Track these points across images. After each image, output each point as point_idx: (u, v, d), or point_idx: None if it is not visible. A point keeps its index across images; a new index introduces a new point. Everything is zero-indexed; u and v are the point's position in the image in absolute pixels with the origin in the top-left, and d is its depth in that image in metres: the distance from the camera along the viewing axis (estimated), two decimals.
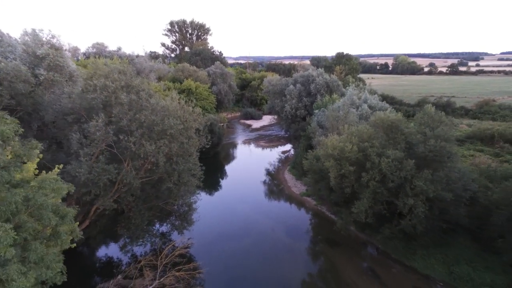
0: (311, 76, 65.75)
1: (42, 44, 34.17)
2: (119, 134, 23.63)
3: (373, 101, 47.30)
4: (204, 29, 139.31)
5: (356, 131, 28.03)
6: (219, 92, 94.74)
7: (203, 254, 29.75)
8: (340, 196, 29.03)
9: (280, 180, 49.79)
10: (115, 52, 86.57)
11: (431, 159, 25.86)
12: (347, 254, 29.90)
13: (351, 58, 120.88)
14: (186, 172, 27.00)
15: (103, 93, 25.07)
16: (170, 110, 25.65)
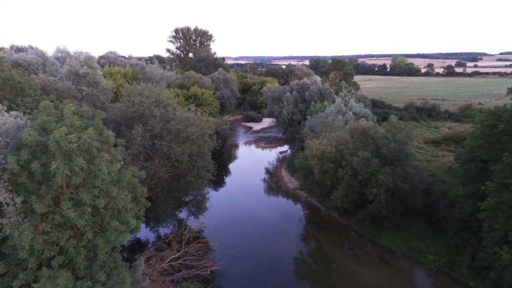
0: (306, 84, 73.47)
1: (82, 65, 41.82)
2: (153, 139, 31.31)
3: (357, 108, 54.82)
4: (207, 36, 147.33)
5: (335, 136, 35.71)
6: (222, 97, 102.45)
7: (214, 234, 37.28)
8: (323, 188, 36.70)
9: (278, 177, 57.37)
10: (127, 60, 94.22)
11: (392, 158, 33.53)
12: (330, 234, 37.58)
13: (345, 64, 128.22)
14: (202, 168, 34.72)
15: (139, 108, 32.72)
16: (190, 120, 33.29)
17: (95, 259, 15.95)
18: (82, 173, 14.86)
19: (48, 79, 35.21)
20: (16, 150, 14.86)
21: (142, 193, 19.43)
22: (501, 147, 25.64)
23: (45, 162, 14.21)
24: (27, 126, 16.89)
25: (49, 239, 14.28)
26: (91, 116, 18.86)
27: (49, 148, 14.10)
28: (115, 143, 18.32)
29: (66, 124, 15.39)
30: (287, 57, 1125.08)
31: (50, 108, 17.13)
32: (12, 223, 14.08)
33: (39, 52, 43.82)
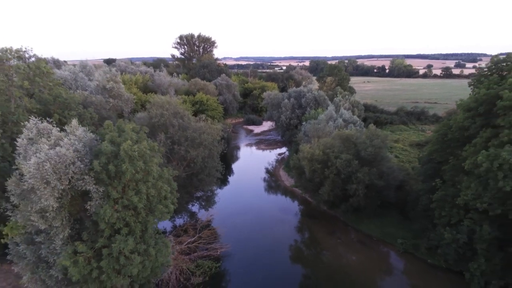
0: (302, 92, 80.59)
1: (109, 80, 48.95)
2: (173, 145, 38.42)
3: (347, 115, 61.81)
4: (210, 42, 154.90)
5: (322, 141, 42.81)
6: (225, 101, 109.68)
7: (221, 223, 44.35)
8: (313, 185, 43.75)
9: (277, 176, 64.44)
10: (137, 68, 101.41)
11: (370, 160, 40.61)
12: (320, 223, 44.67)
13: (341, 69, 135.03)
14: (212, 168, 41.84)
15: (161, 119, 39.81)
16: (203, 129, 40.37)
17: (146, 231, 23.05)
18: (141, 172, 21.88)
19: (84, 94, 42.33)
20: (95, 156, 21.84)
21: (174, 187, 26.58)
22: (450, 152, 32.71)
23: (116, 164, 21.14)
24: (96, 139, 23.95)
25: (119, 216, 21.27)
26: (138, 130, 25.81)
27: (120, 155, 21.08)
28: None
29: (127, 138, 22.41)
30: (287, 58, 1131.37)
31: (110, 125, 24.14)
32: (96, 205, 21.04)
33: (71, 69, 50.93)
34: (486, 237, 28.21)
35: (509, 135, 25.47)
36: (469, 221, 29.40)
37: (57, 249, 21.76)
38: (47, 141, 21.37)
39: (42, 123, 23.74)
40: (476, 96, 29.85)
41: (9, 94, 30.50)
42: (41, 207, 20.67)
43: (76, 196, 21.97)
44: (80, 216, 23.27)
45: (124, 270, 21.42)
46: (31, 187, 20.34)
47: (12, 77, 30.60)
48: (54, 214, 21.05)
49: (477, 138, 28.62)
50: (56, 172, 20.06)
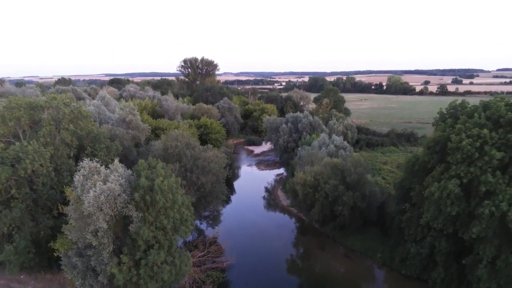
0: (299, 117, 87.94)
1: (128, 114, 56.13)
2: (186, 172, 45.32)
3: (338, 141, 68.81)
4: (212, 65, 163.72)
5: (313, 169, 49.73)
6: (227, 123, 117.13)
7: (225, 238, 50.80)
8: (306, 206, 50.50)
9: (275, 195, 71.18)
10: (145, 93, 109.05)
11: (354, 185, 47.46)
12: (312, 239, 51.37)
13: (337, 92, 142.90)
14: (219, 192, 48.68)
15: (175, 150, 46.81)
16: (212, 158, 47.32)
17: (172, 246, 29.80)
18: (169, 201, 28.72)
19: (109, 127, 49.47)
20: (134, 189, 28.70)
21: (192, 211, 33.47)
22: (416, 180, 39.58)
23: (151, 196, 27.95)
24: (132, 174, 30.91)
25: (153, 235, 28.02)
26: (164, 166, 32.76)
27: (154, 188, 27.95)
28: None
29: (158, 174, 29.36)
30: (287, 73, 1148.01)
31: (143, 164, 31.11)
32: (136, 226, 27.78)
33: (95, 103, 58.19)
34: (444, 251, 34.97)
35: (456, 170, 32.37)
36: (430, 238, 36.11)
37: (105, 260, 28.49)
38: (99, 178, 28.33)
39: (92, 162, 30.67)
40: (434, 136, 36.94)
41: (56, 134, 37.56)
42: (94, 228, 27.49)
43: (120, 219, 28.84)
44: (120, 234, 30.08)
45: (157, 276, 28.18)
46: (88, 213, 27.19)
47: (61, 121, 37.71)
48: (103, 233, 27.84)
49: (434, 171, 35.58)
50: (108, 202, 26.98)
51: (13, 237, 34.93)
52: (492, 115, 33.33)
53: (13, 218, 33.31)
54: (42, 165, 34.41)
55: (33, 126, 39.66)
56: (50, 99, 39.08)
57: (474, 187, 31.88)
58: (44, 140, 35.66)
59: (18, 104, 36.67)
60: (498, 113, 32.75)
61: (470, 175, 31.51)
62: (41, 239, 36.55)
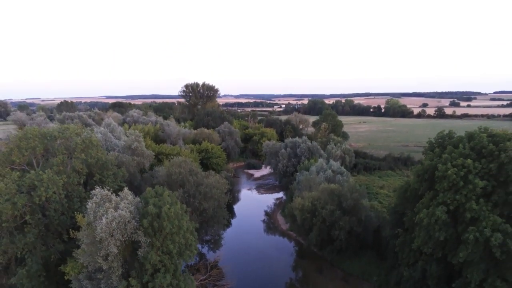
0: (297, 142, 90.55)
1: (133, 141, 58.64)
2: (189, 198, 47.43)
3: (335, 166, 71.11)
4: (213, 90, 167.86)
5: (311, 195, 51.85)
6: (227, 147, 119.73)
7: (226, 260, 52.47)
8: (304, 230, 52.36)
9: (274, 219, 72.91)
10: (148, 118, 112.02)
11: (350, 210, 49.49)
12: (310, 262, 52.96)
13: (335, 116, 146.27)
14: (221, 216, 50.64)
15: (179, 176, 49.09)
16: (214, 184, 49.52)
17: (177, 270, 31.66)
18: (175, 227, 30.80)
19: (115, 154, 51.87)
20: (142, 215, 30.84)
21: (196, 236, 35.49)
22: (408, 206, 41.68)
23: (159, 222, 30.06)
24: (140, 202, 33.10)
25: (160, 259, 29.97)
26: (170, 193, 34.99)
27: (161, 215, 30.08)
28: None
29: (165, 202, 31.56)
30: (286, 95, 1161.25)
31: (151, 191, 33.35)
32: (144, 251, 29.76)
33: (102, 131, 60.84)
34: (435, 274, 36.70)
35: (443, 198, 34.57)
36: (422, 262, 37.92)
37: (114, 283, 30.32)
38: (110, 205, 30.51)
39: (103, 190, 32.90)
40: (423, 165, 39.31)
41: (68, 162, 39.93)
42: (105, 252, 29.48)
43: (129, 244, 30.86)
44: (128, 258, 32.01)
45: None
46: (100, 238, 29.24)
47: (73, 150, 40.19)
48: (113, 258, 29.81)
49: (424, 198, 37.79)
50: (119, 228, 29.08)
51: (25, 261, 36.75)
52: (476, 145, 35.83)
53: (26, 243, 35.24)
54: (55, 193, 36.59)
55: (45, 154, 42.01)
56: (63, 129, 41.68)
57: (460, 213, 34.01)
58: (57, 168, 37.96)
59: (33, 135, 39.19)
60: (481, 144, 35.25)
61: (456, 202, 33.71)
62: (51, 263, 38.30)
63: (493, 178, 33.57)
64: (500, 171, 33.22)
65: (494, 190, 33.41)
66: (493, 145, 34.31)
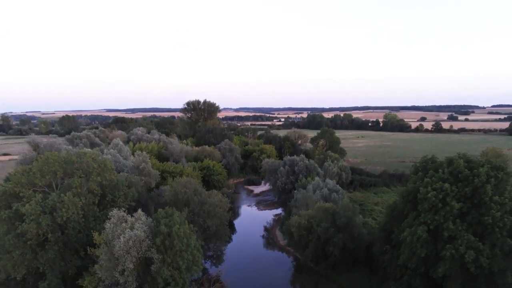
0: (295, 160, 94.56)
1: (141, 162, 62.60)
2: (193, 217, 51.20)
3: (331, 185, 74.94)
4: (214, 107, 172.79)
5: (307, 213, 55.64)
6: (227, 163, 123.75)
7: (228, 275, 55.90)
8: (301, 246, 56.00)
9: (273, 235, 76.43)
10: (151, 136, 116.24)
11: (343, 227, 53.22)
12: (307, 277, 56.42)
13: (333, 133, 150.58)
14: (223, 233, 54.32)
15: (184, 196, 52.92)
16: (217, 203, 53.32)
17: (185, 283, 35.35)
18: (184, 245, 34.60)
19: (125, 175, 55.80)
20: (155, 234, 34.65)
21: (202, 253, 39.26)
22: (395, 224, 45.50)
23: (170, 241, 33.85)
24: (152, 222, 36.96)
25: (170, 274, 33.68)
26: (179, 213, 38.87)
27: (172, 234, 33.88)
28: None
29: (175, 222, 35.42)
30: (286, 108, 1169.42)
31: (162, 212, 37.26)
32: (156, 267, 33.48)
33: (111, 152, 64.90)
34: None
35: (424, 218, 38.50)
36: (407, 277, 41.55)
37: None
38: (126, 226, 34.37)
39: (120, 211, 36.80)
40: (407, 187, 43.31)
41: (85, 185, 43.90)
42: (122, 268, 33.23)
43: (142, 260, 34.63)
44: (141, 273, 35.72)
45: None
46: (118, 255, 33.02)
47: (90, 174, 44.23)
48: (129, 273, 33.55)
49: (408, 217, 41.67)
50: (135, 246, 32.90)
51: (45, 275, 40.39)
52: (454, 170, 39.88)
53: (48, 259, 38.99)
54: (74, 213, 40.46)
55: (63, 177, 45.98)
56: (81, 154, 45.74)
57: (439, 232, 37.87)
58: (76, 190, 41.91)
59: (54, 160, 43.23)
60: (458, 169, 39.31)
61: (436, 222, 37.63)
62: (68, 277, 41.93)
63: (468, 201, 37.58)
64: (474, 194, 37.25)
65: (468, 211, 37.38)
66: (468, 171, 38.37)
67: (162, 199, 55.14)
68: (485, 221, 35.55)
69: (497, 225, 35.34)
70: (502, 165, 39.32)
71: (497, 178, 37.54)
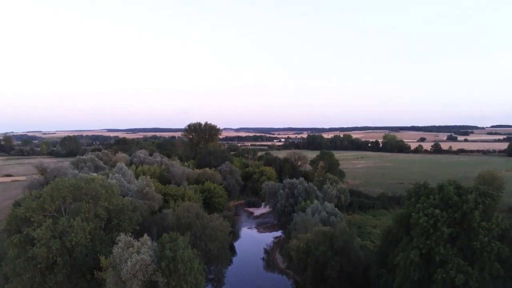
0: (295, 183, 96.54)
1: (145, 187, 64.66)
2: (195, 240, 52.95)
3: (329, 208, 76.68)
4: (215, 130, 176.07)
5: (305, 236, 57.34)
6: (228, 185, 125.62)
7: None
8: (300, 269, 57.44)
9: (273, 257, 77.69)
10: (154, 159, 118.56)
11: (340, 250, 54.85)
12: None
13: (332, 156, 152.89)
14: (224, 256, 55.92)
15: (187, 220, 54.80)
16: (218, 227, 55.14)
17: None
18: (188, 268, 36.39)
19: (130, 199, 57.82)
20: (160, 258, 36.48)
21: (204, 276, 40.96)
22: (391, 248, 47.23)
23: (174, 264, 35.66)
24: (156, 247, 38.84)
25: None
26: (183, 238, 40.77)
27: (176, 258, 35.73)
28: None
29: (179, 247, 37.31)
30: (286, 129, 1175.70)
31: (166, 238, 39.19)
32: None
33: (116, 177, 67.12)
34: None
35: (416, 242, 40.35)
36: None
37: None
38: (133, 250, 36.26)
39: (127, 236, 38.73)
40: (401, 212, 45.31)
41: (92, 209, 45.94)
42: None
43: (148, 283, 36.37)
44: None
45: None
46: (126, 279, 34.79)
47: (97, 199, 46.35)
48: None
49: (402, 242, 43.50)
50: (141, 270, 34.73)
51: None
52: (444, 196, 41.97)
53: (56, 282, 40.65)
54: (82, 237, 42.35)
55: (72, 202, 48.04)
56: (89, 180, 47.96)
57: (431, 256, 39.65)
58: (84, 215, 43.91)
59: (64, 186, 45.41)
60: (448, 196, 41.41)
61: (427, 246, 39.47)
62: None
63: (458, 226, 39.53)
64: (463, 219, 39.26)
65: (458, 236, 39.29)
66: (457, 197, 40.48)
67: (165, 222, 56.98)
68: (473, 246, 37.45)
69: (485, 249, 37.21)
70: (490, 191, 41.49)
71: (485, 204, 39.61)
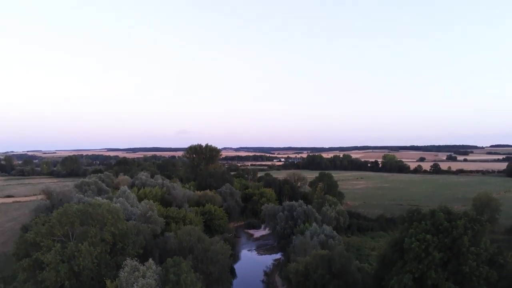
0: (294, 206, 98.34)
1: (148, 210, 66.57)
2: (197, 264, 54.57)
3: (327, 231, 78.33)
4: (215, 151, 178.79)
5: (304, 260, 58.97)
6: (228, 207, 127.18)
7: None
8: None
9: (273, 280, 78.77)
10: (155, 181, 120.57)
11: (338, 273, 56.40)
12: None
13: (331, 177, 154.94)
14: (225, 279, 57.38)
15: (188, 243, 56.53)
16: (219, 250, 56.83)
17: None
18: None
19: (133, 223, 59.71)
20: (164, 282, 38.26)
21: None
22: (386, 271, 48.91)
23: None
24: (160, 271, 40.64)
25: None
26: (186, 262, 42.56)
27: (180, 282, 37.53)
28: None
29: (182, 271, 39.15)
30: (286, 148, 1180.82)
31: (170, 262, 41.05)
32: None
33: (120, 200, 69.21)
34: None
35: (409, 266, 42.18)
36: None
37: None
38: (139, 274, 38.10)
39: (133, 261, 40.60)
40: (395, 237, 47.25)
41: (99, 234, 47.90)
42: None
43: None
44: None
45: None
46: None
47: (104, 224, 48.35)
48: None
49: (396, 265, 45.28)
50: None
51: None
52: (435, 222, 44.00)
53: None
54: (89, 261, 44.18)
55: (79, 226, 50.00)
56: (96, 206, 50.07)
57: (424, 280, 41.40)
58: (91, 240, 45.84)
59: (72, 211, 47.50)
60: (439, 221, 43.45)
61: (420, 270, 41.28)
62: None
63: (448, 251, 41.43)
64: (453, 244, 41.21)
65: (449, 261, 41.15)
66: (447, 223, 42.53)
67: (168, 246, 58.66)
68: (463, 270, 39.29)
69: (474, 274, 39.03)
70: (478, 217, 43.57)
71: (474, 230, 41.64)
